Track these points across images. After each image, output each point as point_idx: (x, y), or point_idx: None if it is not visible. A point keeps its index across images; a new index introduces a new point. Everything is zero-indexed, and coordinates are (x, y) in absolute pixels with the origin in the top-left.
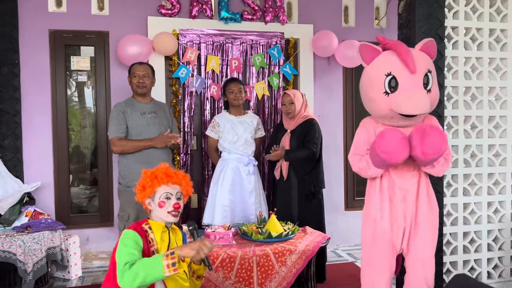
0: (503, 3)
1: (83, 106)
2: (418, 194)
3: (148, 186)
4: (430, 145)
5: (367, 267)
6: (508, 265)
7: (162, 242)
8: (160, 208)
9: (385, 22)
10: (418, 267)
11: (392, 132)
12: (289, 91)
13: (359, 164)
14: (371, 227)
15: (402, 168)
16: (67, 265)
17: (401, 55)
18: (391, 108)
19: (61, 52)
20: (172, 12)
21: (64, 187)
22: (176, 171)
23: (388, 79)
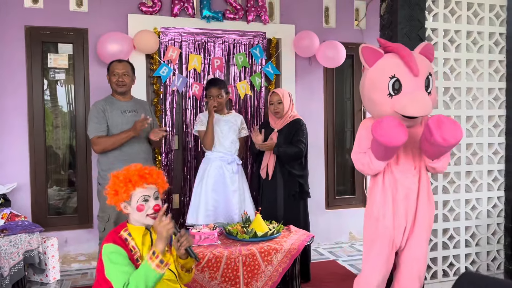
0: (480, 6)
1: (60, 105)
2: (419, 192)
3: (123, 191)
4: (449, 131)
5: (367, 264)
6: (485, 260)
7: (144, 246)
8: (139, 212)
9: (365, 23)
10: (413, 264)
11: (389, 118)
12: (277, 90)
13: (362, 160)
14: (374, 225)
15: (404, 165)
16: (44, 269)
17: (404, 58)
18: (395, 110)
19: (38, 49)
20: (153, 10)
21: (41, 188)
22: (150, 169)
23: (392, 81)
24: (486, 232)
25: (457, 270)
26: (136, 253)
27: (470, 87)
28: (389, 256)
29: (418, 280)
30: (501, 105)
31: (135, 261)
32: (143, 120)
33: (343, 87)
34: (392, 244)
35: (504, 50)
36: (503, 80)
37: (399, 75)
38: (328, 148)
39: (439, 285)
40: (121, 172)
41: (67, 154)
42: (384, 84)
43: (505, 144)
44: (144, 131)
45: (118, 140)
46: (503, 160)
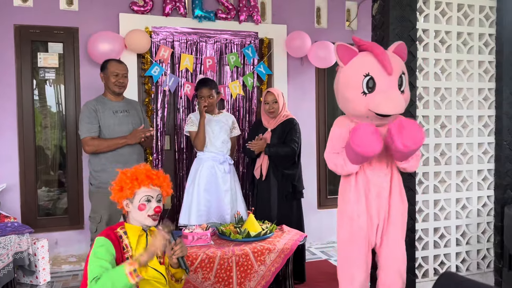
0: (470, 7)
1: (50, 105)
2: (391, 190)
3: (127, 188)
4: (409, 136)
5: (345, 264)
6: (475, 258)
7: (139, 246)
8: (140, 211)
9: (356, 24)
10: (392, 261)
11: (365, 126)
12: (272, 90)
13: (336, 161)
14: (348, 225)
15: (376, 165)
16: (34, 270)
17: (379, 56)
18: (369, 108)
19: (27, 49)
20: (144, 9)
21: (31, 189)
22: (157, 172)
23: (366, 79)
24: (476, 231)
25: (448, 268)
26: (128, 252)
27: (461, 87)
28: (367, 254)
29: (399, 276)
30: (490, 105)
31: (125, 259)
32: (145, 132)
33: None
34: (368, 243)
35: (493, 51)
36: (492, 81)
37: (373, 74)
38: (320, 148)
39: (430, 283)
40: (130, 169)
41: (57, 154)
42: (358, 82)
43: (494, 143)
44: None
45: (114, 145)
46: (493, 159)
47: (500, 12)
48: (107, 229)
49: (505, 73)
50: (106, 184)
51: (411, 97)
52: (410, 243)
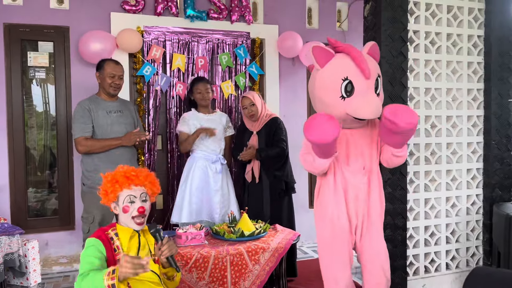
0: (459, 9)
1: (40, 105)
2: (370, 192)
3: (110, 191)
4: (406, 115)
5: (328, 266)
6: (464, 256)
7: (131, 247)
8: (124, 213)
9: (347, 24)
10: (375, 260)
11: (318, 115)
12: (247, 94)
13: (306, 157)
14: (329, 227)
15: (354, 166)
16: (25, 272)
17: (356, 59)
18: (347, 112)
19: (17, 48)
20: (136, 8)
21: (21, 189)
22: (138, 170)
23: (344, 83)
24: (466, 229)
25: (439, 266)
26: (119, 253)
27: (450, 87)
28: (350, 254)
29: (383, 273)
30: (479, 105)
31: (116, 261)
32: (139, 135)
33: None
34: (350, 242)
35: (482, 52)
36: (481, 81)
37: (351, 77)
38: None
39: (421, 281)
40: (110, 173)
41: (48, 154)
42: (336, 86)
43: (483, 143)
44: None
45: (107, 146)
46: (481, 159)
47: (489, 14)
48: (98, 231)
49: (493, 74)
50: (98, 185)
51: (402, 97)
52: (401, 241)
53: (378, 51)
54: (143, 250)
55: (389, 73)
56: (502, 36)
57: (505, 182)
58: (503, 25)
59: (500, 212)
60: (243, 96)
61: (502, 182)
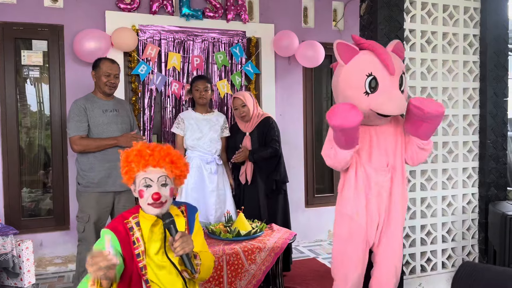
0: (455, 8)
1: (35, 104)
2: (392, 189)
3: (125, 172)
4: (433, 105)
5: (341, 262)
6: (460, 255)
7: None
8: (140, 198)
9: (343, 24)
10: (389, 259)
11: (342, 103)
12: (237, 94)
13: (328, 152)
14: (347, 224)
15: (377, 163)
16: (19, 273)
17: (381, 56)
18: (371, 108)
19: (11, 46)
20: (131, 7)
21: (15, 189)
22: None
23: (369, 79)
24: (462, 228)
25: (434, 265)
26: (138, 247)
27: (446, 86)
28: (364, 254)
29: (395, 274)
30: (475, 104)
31: (135, 256)
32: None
33: (321, 87)
34: (366, 242)
35: (477, 51)
36: (476, 80)
37: (376, 73)
38: (307, 147)
39: (417, 280)
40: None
41: (42, 154)
42: (360, 82)
43: (478, 142)
44: (124, 131)
45: (103, 146)
46: (477, 157)
47: (484, 13)
48: (118, 219)
49: (489, 73)
50: (94, 183)
51: None
52: None
53: (403, 49)
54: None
55: None
56: (498, 35)
57: (500, 181)
58: (498, 24)
59: (495, 211)
60: (234, 96)
61: (498, 181)
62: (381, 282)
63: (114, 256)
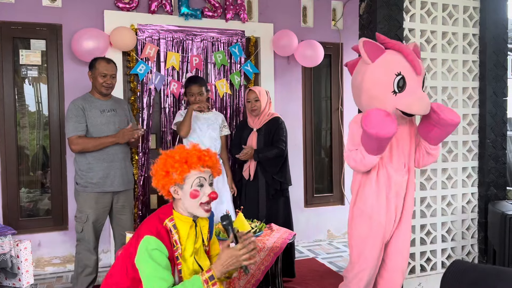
0: (455, 7)
1: (33, 103)
2: (407, 190)
3: (177, 172)
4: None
5: (356, 261)
6: (460, 255)
7: (189, 241)
8: (192, 198)
9: (342, 23)
10: (398, 257)
11: (375, 110)
12: (254, 88)
13: (355, 156)
14: (367, 222)
15: (397, 163)
16: (17, 273)
17: (409, 56)
18: (397, 107)
19: (9, 45)
20: (130, 6)
21: (13, 189)
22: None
23: (397, 78)
24: (461, 227)
25: (434, 265)
26: (177, 249)
27: (446, 86)
28: (380, 251)
29: (402, 274)
30: (474, 103)
31: (174, 258)
32: (134, 131)
33: (320, 87)
34: (383, 239)
35: (477, 50)
36: (476, 80)
37: (404, 73)
38: (307, 147)
39: (417, 280)
40: (177, 151)
41: (40, 154)
42: (389, 81)
43: (478, 141)
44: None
45: (102, 144)
46: (477, 157)
47: (483, 13)
48: (154, 222)
49: (488, 72)
50: (92, 183)
51: None
52: None
53: (419, 52)
54: (198, 242)
55: None
56: (497, 34)
57: (500, 180)
58: (498, 23)
59: (495, 210)
60: (249, 89)
61: (497, 181)
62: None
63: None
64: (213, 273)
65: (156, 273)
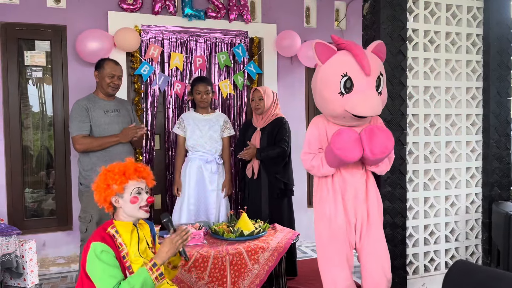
0: (458, 8)
1: (38, 104)
2: (367, 191)
3: (117, 183)
4: (378, 145)
5: (326, 265)
6: (464, 255)
7: (132, 242)
8: (132, 204)
9: (345, 23)
10: (373, 260)
11: (348, 131)
12: (259, 87)
13: (312, 162)
14: (327, 225)
15: (352, 166)
16: (22, 273)
17: (357, 56)
18: (345, 109)
19: (14, 47)
20: (134, 7)
21: (18, 189)
22: (141, 164)
23: (344, 79)
24: (465, 228)
25: (438, 265)
26: (123, 250)
27: (449, 86)
28: (348, 254)
29: (384, 275)
30: (478, 104)
31: (121, 258)
32: (137, 129)
33: None
34: (348, 242)
35: (480, 50)
36: (480, 80)
37: (351, 74)
38: None
39: (420, 280)
40: (115, 165)
41: (45, 154)
42: (336, 82)
43: (482, 141)
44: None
45: (105, 144)
46: (480, 157)
47: (487, 13)
48: (99, 231)
49: (492, 72)
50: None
51: (401, 95)
52: (401, 240)
53: (384, 50)
54: (142, 244)
55: (388, 71)
56: (501, 34)
57: (504, 180)
58: (501, 23)
59: (499, 210)
60: (255, 88)
61: (501, 181)
62: (371, 283)
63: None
64: (155, 261)
65: (105, 273)
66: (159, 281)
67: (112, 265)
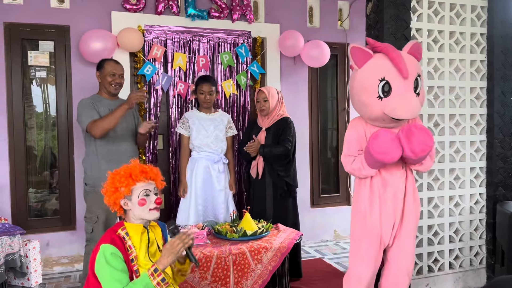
0: (462, 7)
1: (41, 104)
2: (406, 191)
3: (124, 185)
4: (418, 143)
5: (356, 260)
6: (468, 255)
7: (142, 244)
8: (140, 206)
9: (348, 23)
10: (401, 259)
11: (384, 133)
12: (264, 88)
13: (353, 165)
14: (361, 222)
15: (392, 166)
16: (26, 272)
17: (394, 60)
18: (384, 112)
19: (17, 47)
20: (137, 7)
21: (21, 189)
22: (149, 165)
23: (382, 84)
24: (469, 228)
25: (442, 265)
26: (132, 253)
27: (453, 86)
28: (377, 253)
29: (407, 275)
30: (482, 103)
31: (130, 261)
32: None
33: (326, 87)
34: (380, 241)
35: (485, 50)
36: (484, 80)
37: (388, 78)
38: (313, 147)
39: (424, 280)
40: (121, 168)
41: (48, 154)
42: (373, 87)
43: (486, 141)
44: (130, 130)
45: (116, 117)
46: (484, 157)
47: (491, 12)
48: (109, 233)
49: (496, 72)
50: (101, 183)
51: None
52: None
53: (421, 50)
54: (152, 246)
55: None
56: (505, 34)
57: (508, 180)
58: (505, 23)
59: (503, 210)
60: (259, 89)
61: (505, 181)
62: (392, 280)
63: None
64: (156, 266)
65: (112, 277)
66: (162, 286)
67: (120, 270)
